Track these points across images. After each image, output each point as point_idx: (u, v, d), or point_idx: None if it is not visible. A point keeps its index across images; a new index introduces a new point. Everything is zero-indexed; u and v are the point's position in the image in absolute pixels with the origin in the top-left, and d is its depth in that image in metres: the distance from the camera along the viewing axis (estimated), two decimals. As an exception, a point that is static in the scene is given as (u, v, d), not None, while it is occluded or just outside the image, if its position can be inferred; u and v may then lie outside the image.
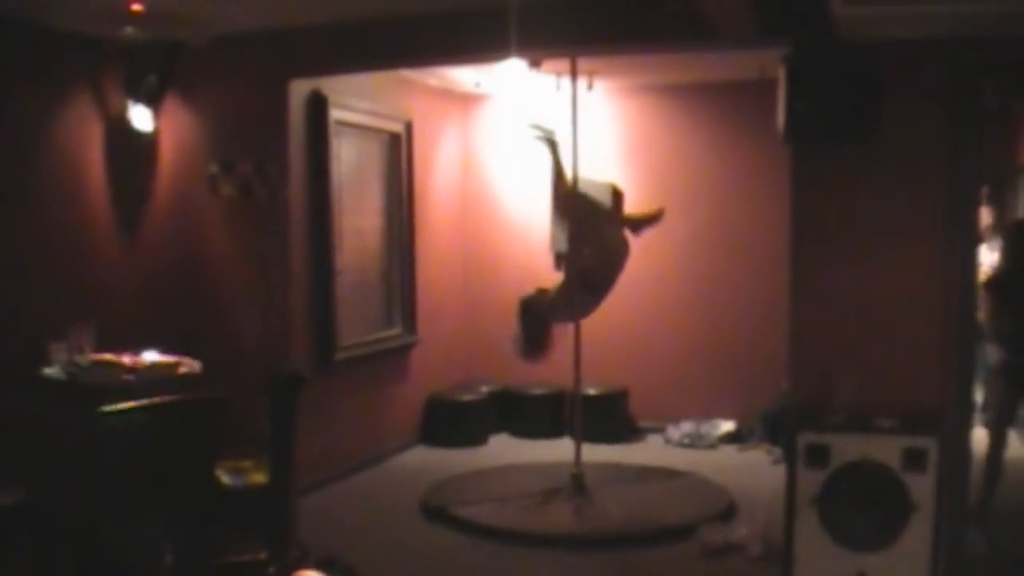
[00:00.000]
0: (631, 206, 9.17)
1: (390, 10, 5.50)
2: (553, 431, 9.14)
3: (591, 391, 8.40)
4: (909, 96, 4.69)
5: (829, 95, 4.35)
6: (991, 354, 6.43)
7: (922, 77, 4.74)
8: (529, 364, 7.36)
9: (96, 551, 4.38)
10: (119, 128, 6.11)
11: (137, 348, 5.63)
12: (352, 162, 8.04)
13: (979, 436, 5.88)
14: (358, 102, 7.91)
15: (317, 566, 5.37)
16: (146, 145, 6.20)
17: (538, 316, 6.98)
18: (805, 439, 4.65)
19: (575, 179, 7.08)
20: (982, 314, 6.15)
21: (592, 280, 6.96)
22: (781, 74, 4.52)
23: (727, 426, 9.00)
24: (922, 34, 4.63)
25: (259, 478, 5.10)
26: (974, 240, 5.08)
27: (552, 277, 9.18)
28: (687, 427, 9.01)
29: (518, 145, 9.64)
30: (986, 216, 8.16)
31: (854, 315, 4.98)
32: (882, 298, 4.93)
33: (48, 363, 5.36)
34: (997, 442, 6.39)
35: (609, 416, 8.96)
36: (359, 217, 8.18)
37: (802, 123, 4.44)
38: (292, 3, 5.43)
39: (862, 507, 4.59)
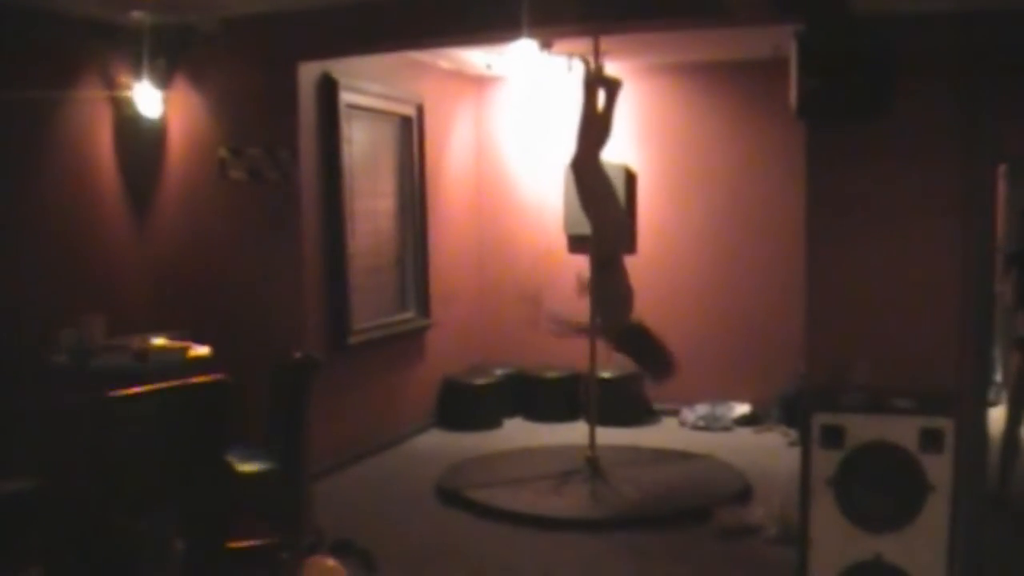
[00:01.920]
0: (645, 187, 9.17)
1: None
2: (568, 414, 9.11)
3: (606, 374, 8.37)
4: (923, 73, 4.62)
5: (842, 72, 4.28)
6: (1021, 326, 6.45)
7: (936, 53, 4.67)
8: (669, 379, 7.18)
9: (107, 537, 4.37)
10: (128, 113, 6.09)
11: (147, 334, 5.62)
12: (364, 145, 8.01)
13: (995, 416, 5.84)
14: (369, 85, 7.88)
15: (332, 550, 5.39)
16: (155, 130, 6.18)
17: (644, 336, 6.79)
18: (820, 420, 4.60)
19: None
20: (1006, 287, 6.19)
21: (605, 255, 6.82)
22: (793, 51, 4.46)
23: (743, 408, 8.96)
24: (936, 9, 4.55)
25: (271, 463, 5.08)
26: (990, 218, 5.01)
27: (566, 260, 9.19)
28: (702, 409, 8.98)
29: (531, 127, 9.61)
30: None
31: (870, 295, 4.93)
32: (899, 278, 4.88)
33: (58, 350, 5.35)
34: (1014, 418, 6.36)
35: (624, 399, 8.94)
36: (372, 200, 8.16)
37: (814, 100, 4.37)
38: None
39: (878, 488, 4.55)
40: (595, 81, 6.76)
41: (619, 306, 6.78)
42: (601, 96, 6.84)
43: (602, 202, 6.86)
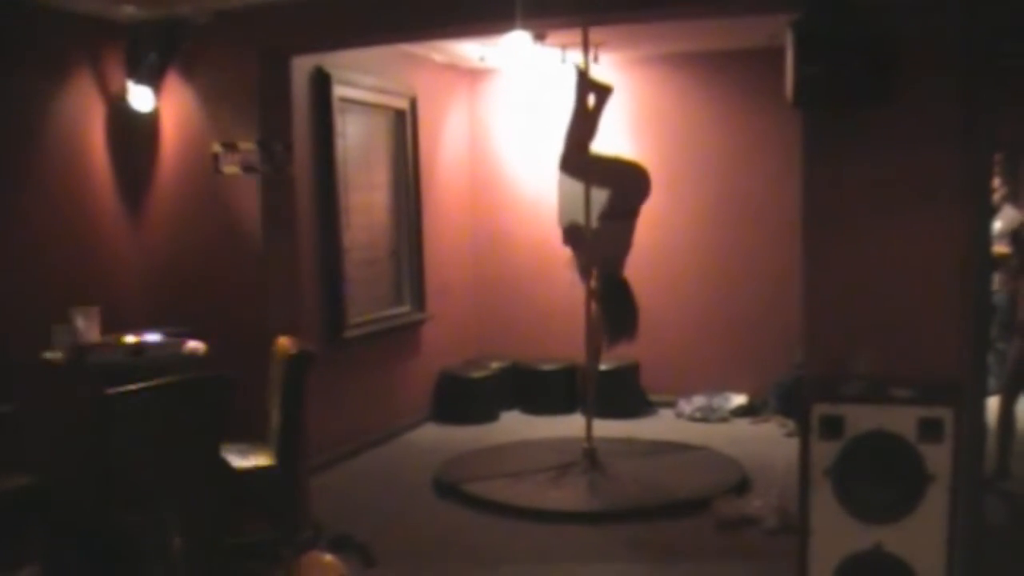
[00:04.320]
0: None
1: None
2: (565, 407, 9.11)
3: (602, 366, 8.34)
4: (922, 59, 4.59)
5: (839, 59, 4.26)
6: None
7: (936, 39, 4.64)
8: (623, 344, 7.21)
9: (104, 534, 4.36)
10: (120, 108, 6.05)
11: (142, 329, 5.60)
12: (358, 139, 7.99)
13: (991, 403, 5.85)
14: (362, 78, 7.85)
15: (330, 544, 5.38)
16: (148, 125, 6.14)
17: (626, 293, 6.91)
18: (819, 410, 4.58)
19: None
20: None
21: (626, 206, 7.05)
22: (789, 37, 4.43)
23: (739, 399, 8.96)
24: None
25: (268, 458, 5.07)
26: (989, 206, 4.99)
27: (562, 251, 9.16)
28: (699, 401, 8.98)
29: (525, 118, 9.59)
30: (999, 186, 8.06)
31: (868, 284, 4.90)
32: (896, 267, 4.85)
33: (51, 346, 5.32)
34: (1009, 398, 6.40)
35: (621, 391, 8.93)
36: (366, 194, 8.14)
37: (812, 88, 4.34)
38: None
39: (877, 479, 4.53)
40: (587, 85, 6.87)
41: (618, 255, 6.96)
42: (591, 99, 6.92)
43: (605, 176, 7.09)
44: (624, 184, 7.02)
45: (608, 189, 7.01)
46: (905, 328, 4.82)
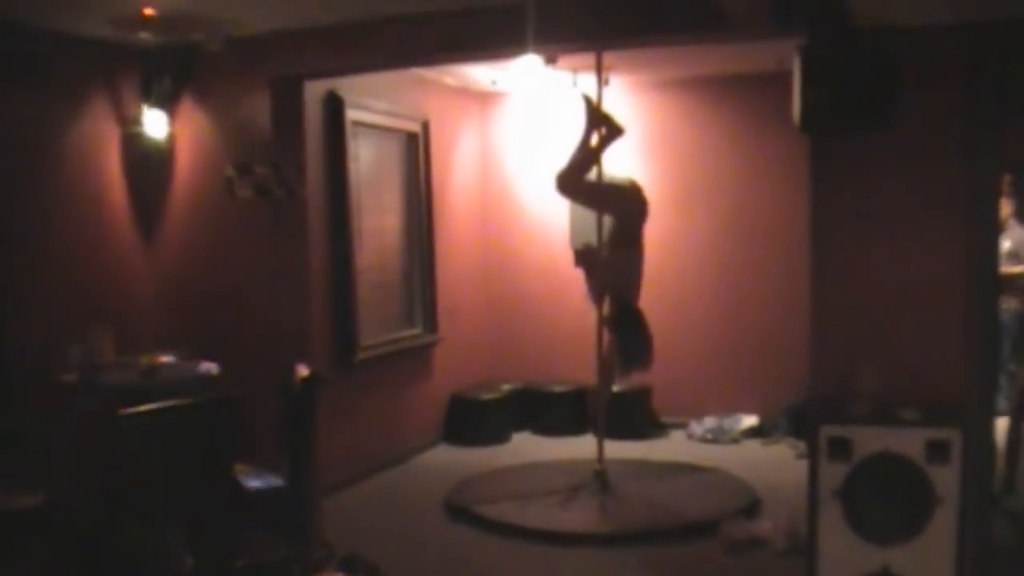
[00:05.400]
0: (650, 200, 9.15)
1: (404, 8, 5.48)
2: (576, 428, 9.12)
3: (613, 388, 8.35)
4: (927, 82, 4.64)
5: (845, 83, 4.29)
6: None
7: (940, 63, 4.69)
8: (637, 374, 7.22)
9: (115, 554, 4.39)
10: (135, 132, 6.12)
11: (155, 351, 5.64)
12: (370, 162, 8.04)
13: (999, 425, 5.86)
14: (375, 102, 7.91)
15: (341, 565, 5.40)
16: (162, 149, 6.21)
17: (640, 323, 6.90)
18: (827, 432, 4.60)
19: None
20: None
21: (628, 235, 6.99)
22: (796, 64, 4.47)
23: (750, 421, 8.95)
24: (940, 19, 4.57)
25: (280, 479, 5.10)
26: (995, 226, 5.01)
27: (572, 274, 9.20)
28: (710, 422, 8.97)
29: (536, 141, 9.64)
30: (1006, 206, 8.07)
31: (875, 304, 4.93)
32: (904, 287, 4.88)
33: (66, 367, 5.37)
34: (1019, 417, 6.40)
35: (632, 412, 8.94)
36: (378, 217, 8.19)
37: (818, 112, 4.38)
38: (305, 4, 5.42)
39: (886, 500, 4.55)
40: (599, 120, 6.91)
41: (630, 284, 6.91)
42: (602, 131, 6.98)
43: (605, 200, 7.10)
44: (622, 205, 7.04)
45: (609, 212, 7.00)
46: (912, 348, 4.84)
